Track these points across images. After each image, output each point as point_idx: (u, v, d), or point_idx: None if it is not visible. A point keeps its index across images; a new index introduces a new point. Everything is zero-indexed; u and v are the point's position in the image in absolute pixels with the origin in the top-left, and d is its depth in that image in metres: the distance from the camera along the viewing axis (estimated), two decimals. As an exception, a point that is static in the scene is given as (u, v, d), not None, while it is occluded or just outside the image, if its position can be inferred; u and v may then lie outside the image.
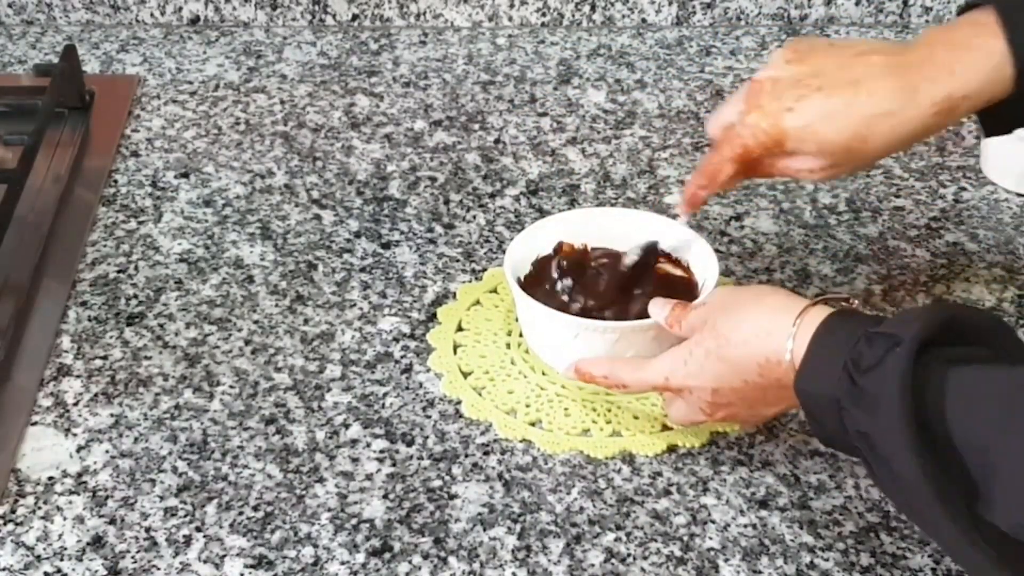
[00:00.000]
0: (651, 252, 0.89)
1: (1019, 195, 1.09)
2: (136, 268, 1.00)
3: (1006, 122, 0.82)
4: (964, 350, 0.64)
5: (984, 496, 0.60)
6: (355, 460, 0.83)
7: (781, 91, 0.79)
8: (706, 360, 0.75)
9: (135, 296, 0.97)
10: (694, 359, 0.76)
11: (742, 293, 0.77)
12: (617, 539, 0.78)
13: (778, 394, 0.74)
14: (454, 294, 0.97)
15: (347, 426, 0.85)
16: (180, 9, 1.34)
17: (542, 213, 1.05)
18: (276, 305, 0.96)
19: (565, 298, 0.88)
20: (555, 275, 0.90)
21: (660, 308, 0.82)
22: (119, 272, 0.99)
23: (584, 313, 0.86)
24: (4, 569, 0.76)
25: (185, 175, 1.11)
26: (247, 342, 0.93)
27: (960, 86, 0.76)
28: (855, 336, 0.66)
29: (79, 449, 0.84)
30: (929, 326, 0.64)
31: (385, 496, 0.80)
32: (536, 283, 0.89)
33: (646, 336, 0.83)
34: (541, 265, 0.91)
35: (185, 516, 0.79)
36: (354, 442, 0.84)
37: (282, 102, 1.22)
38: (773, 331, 0.71)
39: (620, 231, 0.92)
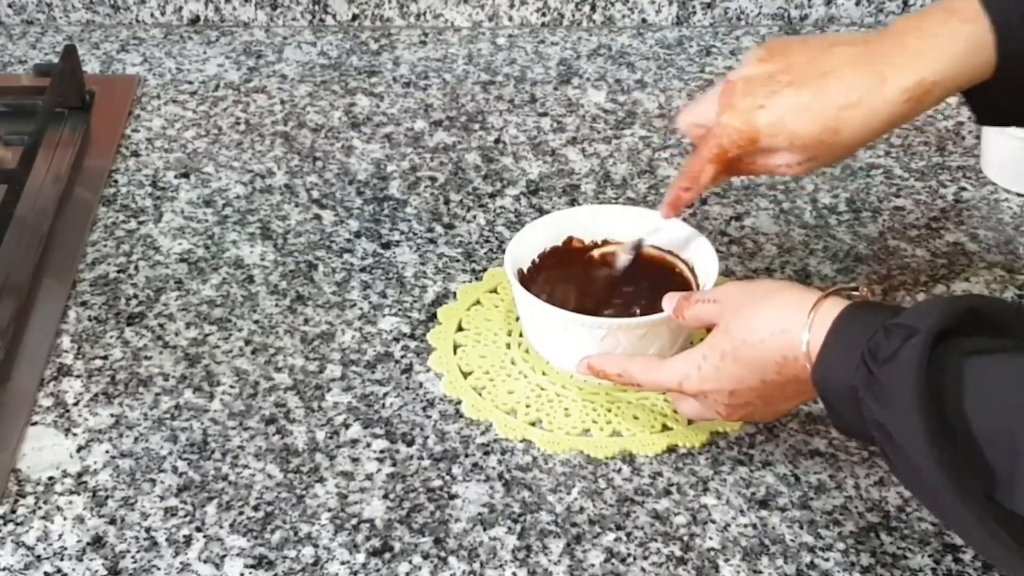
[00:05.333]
0: (638, 248, 0.90)
1: (1019, 195, 1.09)
2: (136, 268, 1.00)
3: (999, 111, 0.82)
4: (984, 340, 0.64)
5: (1005, 485, 0.60)
6: (355, 460, 0.83)
7: (752, 89, 0.80)
8: (721, 363, 0.75)
9: (135, 296, 0.97)
10: (708, 363, 0.76)
11: (752, 291, 0.77)
12: (617, 539, 0.78)
13: (796, 388, 0.73)
14: (454, 294, 0.97)
15: (347, 426, 0.86)
16: (180, 9, 1.34)
17: (542, 213, 1.05)
18: (276, 305, 0.96)
19: (567, 293, 0.89)
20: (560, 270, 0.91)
21: (669, 300, 0.82)
22: (119, 272, 0.99)
23: (582, 309, 0.86)
24: (4, 569, 0.76)
25: (185, 175, 1.11)
26: (247, 342, 0.93)
27: (929, 72, 0.76)
28: (872, 327, 0.66)
29: (79, 449, 0.84)
30: (946, 317, 0.63)
31: (385, 496, 0.80)
32: (540, 275, 0.90)
33: (634, 334, 0.83)
34: (548, 257, 0.91)
35: (185, 516, 0.79)
36: (354, 442, 0.84)
37: (282, 102, 1.22)
38: (788, 328, 0.71)
39: (625, 228, 0.93)
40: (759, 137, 0.79)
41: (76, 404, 0.87)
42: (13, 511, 0.79)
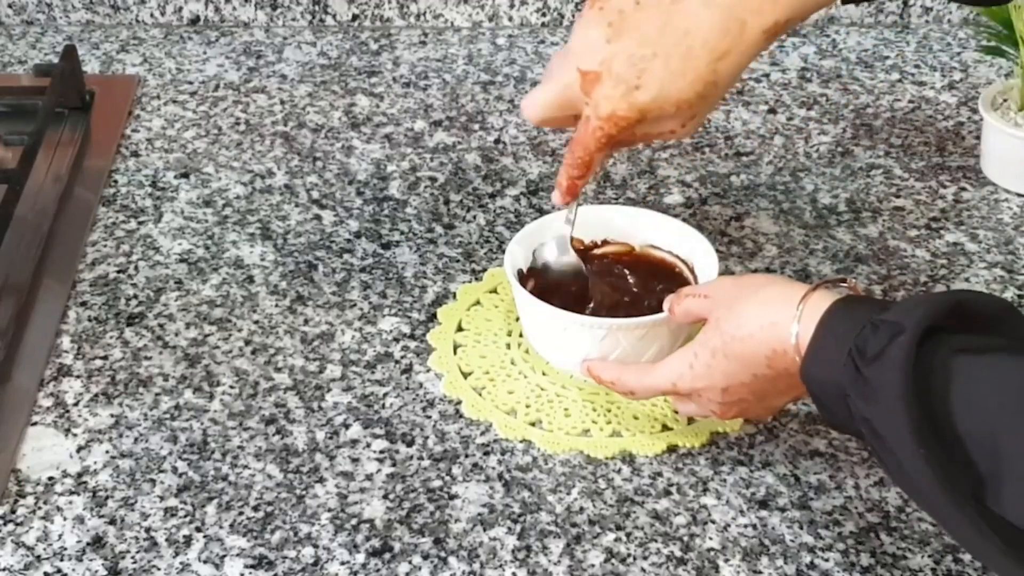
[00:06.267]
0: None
1: (1019, 195, 1.09)
2: (136, 268, 1.00)
3: None
4: (971, 338, 0.64)
5: (992, 488, 0.60)
6: (355, 460, 0.83)
7: (620, 74, 0.78)
8: (713, 360, 0.75)
9: (135, 296, 0.97)
10: (700, 361, 0.76)
11: (741, 286, 0.77)
12: (617, 539, 0.77)
13: (788, 382, 0.73)
14: (454, 294, 0.97)
15: (347, 426, 0.86)
16: (180, 9, 1.34)
17: (542, 213, 1.05)
18: (276, 305, 0.96)
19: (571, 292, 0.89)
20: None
21: (669, 301, 0.82)
22: (119, 272, 0.99)
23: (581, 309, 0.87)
24: (4, 569, 0.76)
25: (185, 175, 1.11)
26: (247, 342, 0.93)
27: (783, 12, 0.77)
28: (861, 322, 0.66)
29: (79, 449, 0.84)
30: (933, 314, 0.63)
31: (385, 496, 0.80)
32: (538, 274, 0.90)
33: (634, 334, 0.83)
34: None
35: (185, 516, 0.79)
36: (354, 442, 0.84)
37: (282, 102, 1.22)
38: (777, 321, 0.71)
39: (625, 228, 0.93)
40: (647, 113, 0.79)
41: (76, 404, 0.87)
42: (13, 511, 0.79)
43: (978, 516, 0.60)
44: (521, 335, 0.92)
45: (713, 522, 0.79)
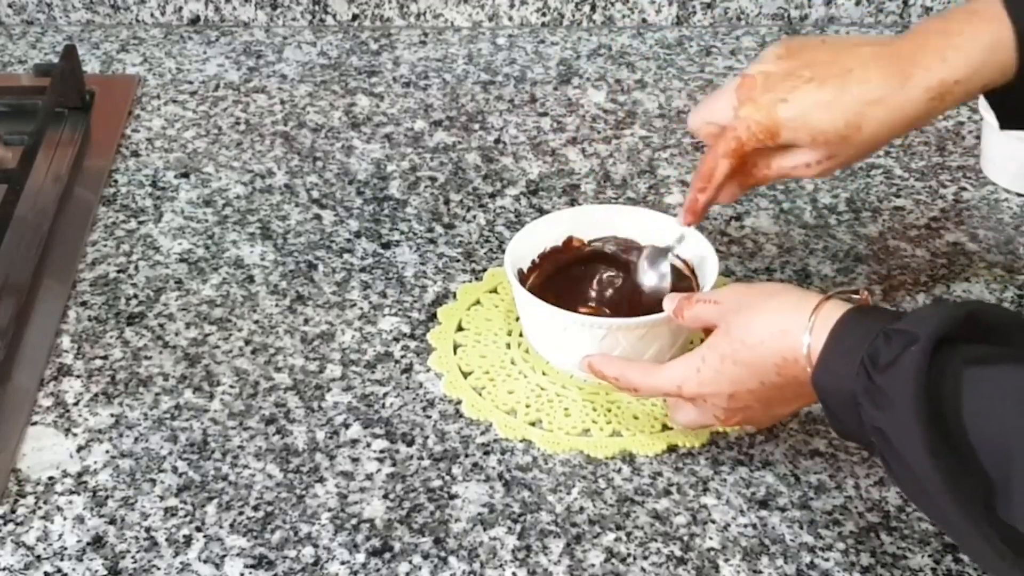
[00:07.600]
0: (664, 254, 0.89)
1: (1019, 195, 1.09)
2: (136, 268, 1.00)
3: (1021, 115, 0.82)
4: (983, 348, 0.64)
5: (1003, 497, 0.60)
6: (355, 460, 0.83)
7: (773, 84, 0.79)
8: (721, 365, 0.75)
9: (135, 296, 0.97)
10: (708, 366, 0.76)
11: (752, 293, 0.77)
12: (617, 539, 0.78)
13: (795, 391, 0.73)
14: (454, 294, 0.97)
15: (347, 426, 0.86)
16: (180, 9, 1.34)
17: (542, 213, 1.05)
18: (276, 305, 0.96)
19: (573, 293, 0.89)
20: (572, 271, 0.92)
21: (670, 300, 0.82)
22: (119, 272, 0.99)
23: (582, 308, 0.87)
24: (4, 569, 0.76)
25: (185, 175, 1.11)
26: (247, 342, 0.93)
27: (952, 72, 0.77)
28: (873, 332, 0.66)
29: (79, 449, 0.84)
30: (946, 324, 0.63)
31: (385, 496, 0.80)
32: (540, 275, 0.90)
33: (634, 334, 0.83)
34: (548, 257, 0.92)
35: (185, 516, 0.79)
36: (354, 442, 0.84)
37: (282, 102, 1.22)
38: (789, 329, 0.71)
39: (625, 228, 0.93)
40: (780, 130, 0.79)
41: (76, 404, 0.87)
42: (13, 511, 0.79)
43: (987, 525, 0.60)
44: (521, 335, 0.92)
45: (713, 522, 0.79)
